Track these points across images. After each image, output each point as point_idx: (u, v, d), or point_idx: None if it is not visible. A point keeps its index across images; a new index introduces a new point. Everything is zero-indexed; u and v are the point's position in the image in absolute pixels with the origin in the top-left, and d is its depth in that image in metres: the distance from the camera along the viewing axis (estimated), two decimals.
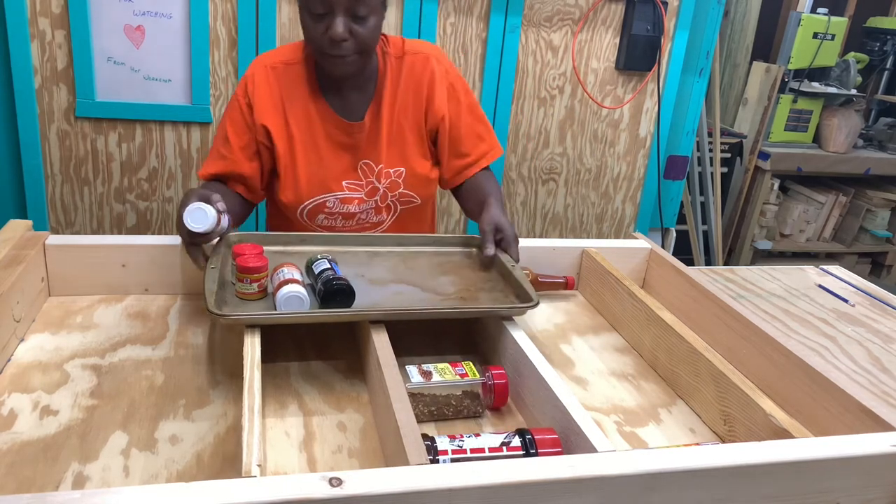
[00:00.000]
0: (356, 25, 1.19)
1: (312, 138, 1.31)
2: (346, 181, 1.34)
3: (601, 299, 1.27)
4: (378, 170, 1.34)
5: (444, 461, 0.77)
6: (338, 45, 1.20)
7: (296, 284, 0.96)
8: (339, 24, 1.18)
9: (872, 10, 3.59)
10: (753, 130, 3.31)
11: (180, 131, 2.03)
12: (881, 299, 1.43)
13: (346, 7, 1.17)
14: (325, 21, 1.19)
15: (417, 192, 1.38)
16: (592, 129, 2.38)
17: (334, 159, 1.33)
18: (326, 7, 1.17)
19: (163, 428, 0.84)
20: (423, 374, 0.92)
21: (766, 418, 0.86)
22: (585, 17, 2.21)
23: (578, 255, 1.33)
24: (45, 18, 1.85)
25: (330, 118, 1.31)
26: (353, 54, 1.22)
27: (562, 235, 2.49)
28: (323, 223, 1.37)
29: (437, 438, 0.79)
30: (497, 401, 0.93)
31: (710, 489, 0.70)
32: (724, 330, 1.10)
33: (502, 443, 0.80)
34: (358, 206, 1.36)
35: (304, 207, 1.34)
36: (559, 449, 0.80)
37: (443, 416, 0.91)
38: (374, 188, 1.35)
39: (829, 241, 3.64)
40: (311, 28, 1.21)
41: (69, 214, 2.05)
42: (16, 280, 0.98)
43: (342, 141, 1.33)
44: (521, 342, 0.96)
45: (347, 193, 1.34)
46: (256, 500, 0.58)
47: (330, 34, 1.18)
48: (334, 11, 1.18)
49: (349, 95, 1.33)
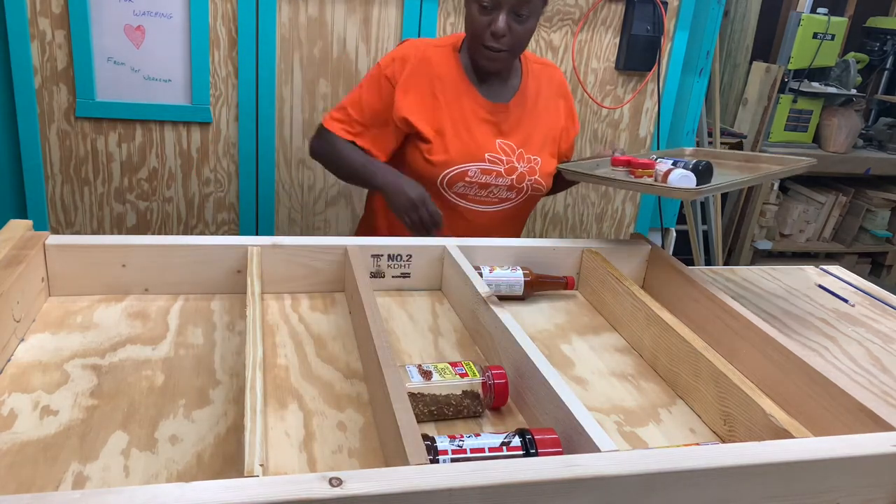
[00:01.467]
0: (516, 24, 1.34)
1: (462, 113, 1.43)
2: (488, 153, 1.44)
3: (601, 299, 1.27)
4: (518, 152, 1.46)
5: (444, 461, 0.77)
6: (497, 39, 1.34)
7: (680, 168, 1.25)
8: (502, 20, 1.32)
9: (872, 10, 3.59)
10: (753, 130, 3.31)
11: (180, 131, 2.03)
12: (881, 299, 1.43)
13: (512, 5, 1.32)
14: (490, 15, 1.33)
15: (546, 182, 1.51)
16: (592, 129, 2.38)
17: (479, 133, 1.44)
18: (494, 2, 1.32)
19: (163, 428, 0.84)
20: (422, 373, 0.92)
21: (766, 418, 0.86)
22: (585, 17, 2.21)
23: (578, 255, 1.34)
24: (46, 18, 1.85)
25: (476, 98, 1.45)
26: (506, 50, 1.37)
27: (562, 235, 2.49)
28: (460, 191, 1.46)
29: (437, 438, 0.79)
30: (497, 401, 0.92)
31: (710, 489, 0.70)
32: (724, 330, 1.10)
33: (502, 443, 0.80)
34: (495, 179, 1.46)
35: (447, 173, 1.43)
36: (559, 449, 0.80)
37: (443, 415, 0.91)
38: (512, 167, 1.46)
39: (829, 241, 3.64)
40: (476, 19, 1.35)
41: (69, 214, 2.05)
42: (16, 280, 0.98)
43: (486, 118, 1.44)
44: (522, 341, 0.96)
45: (489, 165, 1.44)
46: (256, 500, 0.58)
47: (492, 28, 1.33)
48: (501, 7, 1.32)
49: (495, 83, 1.47)
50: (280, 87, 2.03)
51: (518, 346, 0.95)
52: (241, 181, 2.10)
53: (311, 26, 2.00)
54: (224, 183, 2.10)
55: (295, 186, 2.16)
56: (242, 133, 2.04)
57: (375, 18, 2.03)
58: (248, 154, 2.07)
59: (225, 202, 2.13)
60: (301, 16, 1.98)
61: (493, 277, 1.23)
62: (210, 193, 2.11)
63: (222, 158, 2.08)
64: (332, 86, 2.07)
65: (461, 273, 1.17)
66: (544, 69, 1.54)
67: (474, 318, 1.12)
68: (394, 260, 1.25)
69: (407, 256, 1.25)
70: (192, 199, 2.10)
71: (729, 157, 1.60)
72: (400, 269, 1.26)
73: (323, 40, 2.02)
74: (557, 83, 1.55)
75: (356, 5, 2.00)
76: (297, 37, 2.00)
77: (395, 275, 1.27)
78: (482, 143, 1.45)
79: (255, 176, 2.10)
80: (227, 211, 2.14)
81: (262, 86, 2.01)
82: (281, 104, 2.05)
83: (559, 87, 1.56)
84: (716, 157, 1.57)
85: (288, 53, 2.01)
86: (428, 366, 0.94)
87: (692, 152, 1.62)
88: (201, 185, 2.09)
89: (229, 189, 2.11)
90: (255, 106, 2.03)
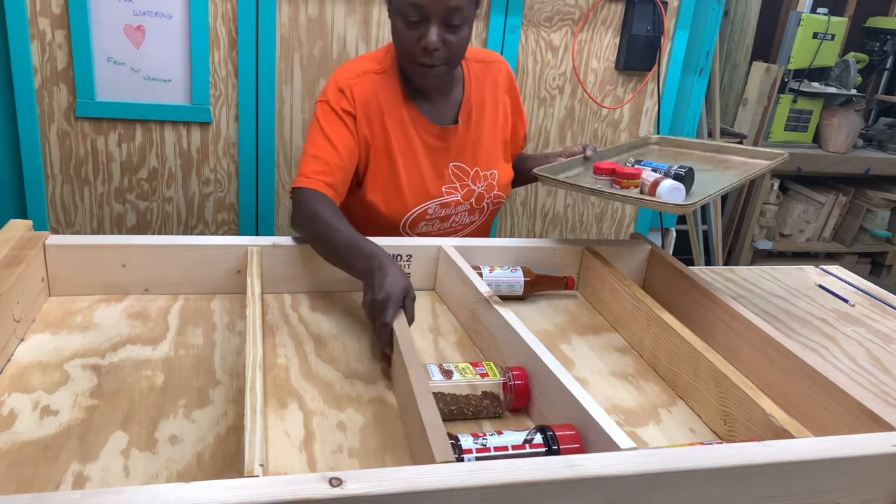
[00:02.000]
0: (449, 35, 1.20)
1: (410, 146, 1.31)
2: (444, 186, 1.36)
3: (601, 299, 1.27)
4: (473, 172, 1.37)
5: (469, 460, 0.77)
6: (430, 54, 1.20)
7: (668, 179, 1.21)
8: (433, 33, 1.18)
9: (872, 10, 3.59)
10: (753, 130, 3.31)
11: (180, 131, 2.03)
12: (881, 299, 1.43)
13: (442, 16, 1.17)
14: (418, 29, 1.19)
15: (505, 193, 1.44)
16: (592, 130, 2.38)
17: (431, 165, 1.34)
18: (421, 15, 1.17)
19: (163, 428, 0.84)
20: (443, 372, 0.93)
21: (767, 418, 0.86)
22: (585, 17, 2.21)
23: (578, 255, 1.33)
24: (46, 18, 1.85)
25: (423, 124, 1.31)
26: (442, 64, 1.23)
27: (562, 235, 2.49)
28: (423, 230, 1.38)
29: (460, 437, 0.80)
30: (517, 401, 0.93)
31: (710, 489, 0.70)
32: (724, 330, 1.10)
33: (525, 440, 0.81)
34: (454, 209, 1.38)
35: (408, 218, 1.34)
36: (579, 444, 0.81)
37: (463, 415, 0.91)
38: (469, 190, 1.38)
39: (829, 241, 3.64)
40: (404, 35, 1.21)
41: (69, 214, 2.05)
42: (16, 280, 0.98)
43: (436, 145, 1.34)
44: (529, 341, 0.96)
45: (447, 198, 1.36)
46: (256, 500, 0.58)
47: (423, 43, 1.19)
48: (429, 19, 1.18)
49: (438, 100, 1.34)
50: (280, 87, 2.03)
51: (526, 346, 0.96)
52: (241, 181, 2.10)
53: (311, 26, 2.00)
54: (224, 183, 2.10)
55: None
56: (242, 133, 2.04)
57: (375, 18, 2.03)
58: (248, 154, 2.07)
59: (225, 202, 2.13)
60: (301, 16, 1.98)
61: (493, 277, 1.23)
62: (210, 193, 2.11)
63: (222, 158, 2.07)
64: None
65: (459, 273, 1.17)
66: (487, 69, 1.41)
67: (474, 318, 1.12)
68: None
69: (407, 256, 1.25)
70: (192, 199, 2.10)
71: (695, 146, 1.57)
72: None
73: (323, 40, 2.02)
74: (503, 79, 1.42)
75: (356, 5, 2.00)
76: (297, 37, 2.00)
77: None
78: (436, 176, 1.35)
79: (255, 176, 2.10)
80: (227, 211, 2.14)
81: (262, 86, 2.01)
82: (281, 104, 2.05)
83: (504, 83, 1.43)
84: (682, 147, 1.57)
85: (288, 53, 2.01)
86: (448, 365, 0.95)
87: (657, 140, 1.60)
88: (201, 185, 2.09)
89: (229, 189, 2.11)
90: (255, 106, 2.03)
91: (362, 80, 1.28)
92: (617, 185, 1.25)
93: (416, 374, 0.84)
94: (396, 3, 1.21)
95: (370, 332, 1.08)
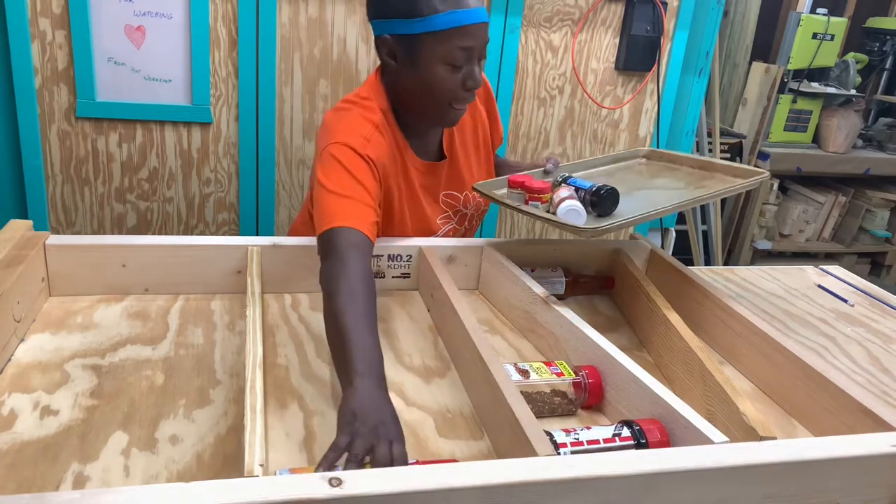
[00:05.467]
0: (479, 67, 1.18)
1: (411, 192, 1.29)
2: (439, 218, 1.35)
3: (623, 300, 1.27)
4: (463, 196, 1.37)
5: (565, 453, 0.80)
6: (473, 92, 1.18)
7: (573, 200, 1.14)
8: (478, 71, 1.17)
9: (872, 10, 3.59)
10: (753, 131, 3.31)
11: (181, 131, 2.03)
12: (881, 299, 1.43)
13: (481, 50, 1.16)
14: (462, 71, 1.16)
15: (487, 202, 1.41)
16: (592, 130, 2.38)
17: (428, 203, 1.33)
18: (468, 56, 1.14)
19: (163, 428, 0.84)
20: (520, 372, 0.95)
21: (740, 417, 0.86)
22: (585, 17, 2.21)
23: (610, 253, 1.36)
24: (46, 18, 1.85)
25: (418, 165, 1.29)
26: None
27: (562, 236, 2.49)
28: None
29: (553, 433, 0.82)
30: (591, 399, 0.95)
31: (710, 489, 0.70)
32: (723, 330, 1.10)
33: (614, 434, 0.83)
34: (453, 234, 1.39)
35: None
36: (665, 437, 0.83)
37: (539, 413, 0.93)
38: (462, 215, 1.39)
39: (829, 241, 3.64)
40: (449, 81, 1.15)
41: (69, 214, 2.05)
42: (16, 280, 0.98)
43: (428, 183, 1.32)
44: (597, 340, 0.98)
45: (444, 228, 1.37)
46: (257, 500, 0.58)
47: (471, 83, 1.16)
48: (472, 59, 1.16)
49: (426, 135, 1.30)
50: (280, 88, 2.03)
51: (595, 345, 0.97)
52: (242, 181, 2.10)
53: (311, 26, 2.00)
54: (224, 183, 2.10)
55: (295, 186, 2.16)
56: (243, 133, 2.04)
57: None
58: (249, 154, 2.07)
59: (225, 202, 2.13)
60: (301, 16, 1.98)
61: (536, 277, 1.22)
62: (210, 193, 2.11)
63: (222, 158, 2.08)
64: (333, 86, 2.07)
65: (509, 274, 1.18)
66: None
67: (529, 318, 1.13)
68: (393, 260, 1.26)
69: (407, 257, 1.26)
70: (192, 200, 2.10)
71: (683, 160, 1.46)
72: (400, 270, 1.27)
73: (323, 40, 2.02)
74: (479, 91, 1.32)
75: (356, 5, 2.00)
76: (298, 37, 2.00)
77: (395, 275, 1.27)
78: (433, 211, 1.34)
79: (256, 176, 2.10)
80: (228, 211, 2.14)
81: (262, 86, 2.01)
82: (281, 104, 2.05)
83: (482, 95, 1.38)
84: (670, 161, 1.48)
85: (288, 53, 2.01)
86: (524, 365, 0.97)
87: (647, 153, 1.52)
88: (201, 186, 2.09)
89: (229, 189, 2.11)
90: (255, 106, 2.03)
91: (371, 143, 1.17)
92: (535, 200, 1.18)
93: (499, 374, 0.86)
94: (440, 53, 1.13)
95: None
